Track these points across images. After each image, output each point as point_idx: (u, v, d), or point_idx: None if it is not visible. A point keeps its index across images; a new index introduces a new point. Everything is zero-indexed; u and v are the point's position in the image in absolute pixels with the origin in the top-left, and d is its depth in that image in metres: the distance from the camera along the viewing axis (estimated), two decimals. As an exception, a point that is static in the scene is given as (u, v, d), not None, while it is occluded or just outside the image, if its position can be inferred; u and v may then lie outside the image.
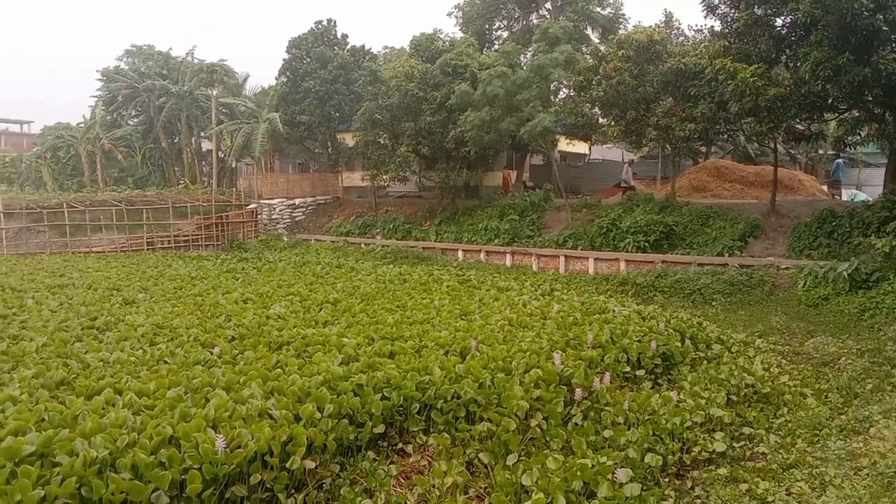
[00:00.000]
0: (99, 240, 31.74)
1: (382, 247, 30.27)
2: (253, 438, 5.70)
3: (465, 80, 28.79)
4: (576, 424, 7.67)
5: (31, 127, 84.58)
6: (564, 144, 36.36)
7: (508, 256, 27.06)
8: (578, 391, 8.13)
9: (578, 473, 6.09)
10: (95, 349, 9.45)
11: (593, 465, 6.31)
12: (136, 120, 46.10)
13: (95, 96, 46.39)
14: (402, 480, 6.31)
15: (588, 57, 28.88)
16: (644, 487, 6.25)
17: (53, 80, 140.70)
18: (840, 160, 30.97)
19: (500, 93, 26.25)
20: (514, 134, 27.70)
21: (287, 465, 5.68)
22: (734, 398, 9.12)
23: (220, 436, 5.55)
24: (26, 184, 47.30)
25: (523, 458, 6.69)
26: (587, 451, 6.81)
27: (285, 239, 35.29)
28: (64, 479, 4.89)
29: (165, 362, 8.73)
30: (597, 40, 38.57)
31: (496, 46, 36.31)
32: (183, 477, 5.20)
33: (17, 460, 5.14)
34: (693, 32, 29.79)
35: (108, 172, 43.61)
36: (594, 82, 26.70)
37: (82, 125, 45.06)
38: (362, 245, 32.06)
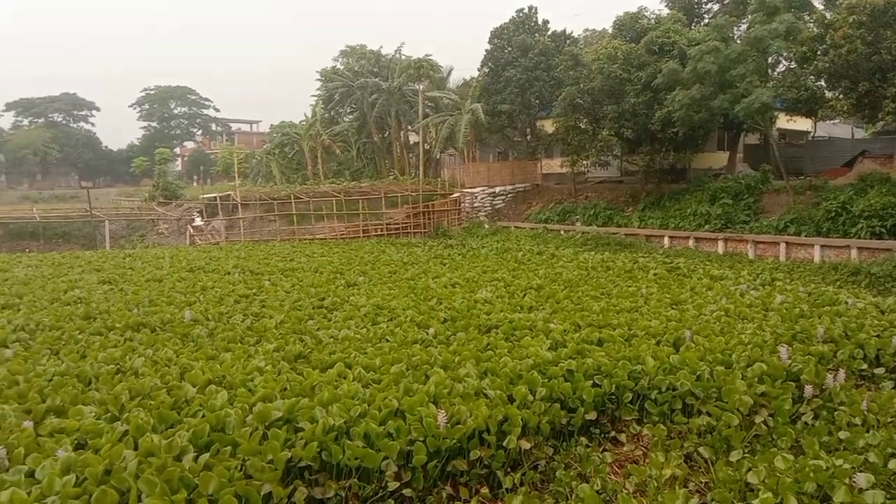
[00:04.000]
0: (321, 228, 34.65)
1: (582, 233, 29.94)
2: (471, 416, 5.92)
3: (672, 58, 27.56)
4: (806, 424, 7.08)
5: (259, 126, 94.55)
6: (784, 121, 33.48)
7: (720, 243, 25.56)
8: (808, 388, 7.50)
9: (811, 475, 5.62)
10: (325, 327, 10.34)
11: (827, 468, 5.79)
12: (350, 116, 49.56)
13: (315, 95, 50.59)
14: (617, 469, 6.23)
15: (812, 26, 26.36)
16: (888, 496, 5.62)
17: (278, 81, 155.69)
18: None
19: (712, 69, 24.76)
20: (727, 112, 26.06)
21: (503, 443, 5.83)
22: None
23: (442, 411, 5.83)
24: (258, 177, 52.85)
25: (747, 455, 6.30)
26: (820, 452, 6.27)
27: (486, 226, 36.12)
28: (307, 444, 5.39)
29: (387, 340, 9.33)
30: (821, 7, 34.92)
31: (706, 21, 34.23)
32: (409, 448, 5.53)
33: (267, 423, 5.77)
34: (942, -11, 25.98)
35: (328, 166, 47.40)
36: (819, 52, 24.43)
37: (304, 123, 49.33)
38: (562, 232, 31.93)
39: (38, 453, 5.21)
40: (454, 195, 38.57)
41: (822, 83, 26.52)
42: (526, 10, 39.00)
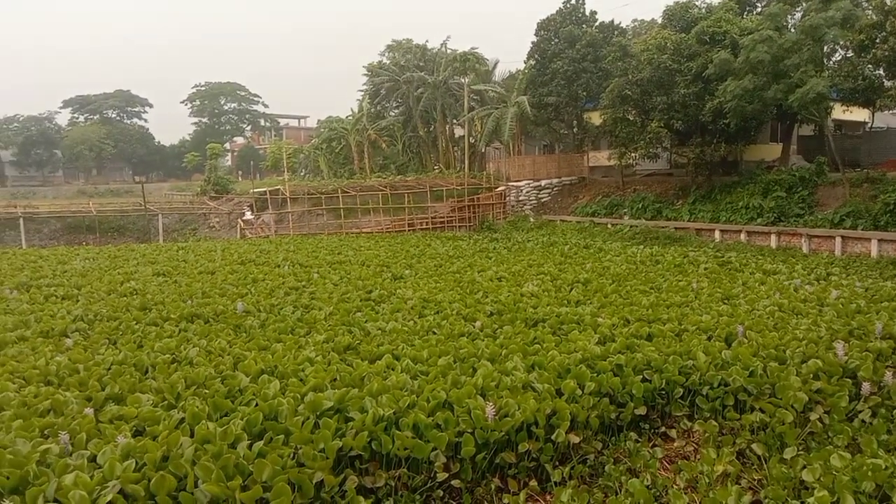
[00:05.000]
0: (367, 221, 34.94)
1: (630, 227, 29.58)
2: (519, 409, 5.92)
3: (724, 48, 27.00)
4: (863, 422, 6.89)
5: (306, 121, 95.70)
6: (840, 112, 32.44)
7: (773, 237, 24.97)
8: (866, 385, 7.28)
9: (869, 474, 5.47)
10: (373, 319, 10.44)
11: (887, 467, 5.62)
12: (396, 111, 49.81)
13: (362, 90, 50.99)
14: (667, 464, 6.16)
15: (870, 12, 25.43)
16: (953, 498, 5.43)
17: (322, 77, 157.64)
18: None
19: (766, 58, 24.14)
20: (781, 103, 25.39)
21: (552, 437, 5.81)
22: None
23: (490, 403, 5.84)
24: (306, 172, 53.59)
25: (802, 452, 6.16)
26: (878, 450, 6.09)
27: (531, 220, 35.94)
28: (357, 433, 5.46)
29: (434, 333, 9.38)
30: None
31: (759, 9, 33.38)
32: (457, 440, 5.55)
33: (318, 413, 5.86)
34: None
35: (374, 160, 47.75)
36: (878, 40, 23.59)
37: (350, 118, 49.75)
38: (609, 225, 31.59)
39: (99, 439, 5.40)
40: (499, 189, 38.45)
41: (881, 72, 25.63)
42: (573, 2, 38.58)
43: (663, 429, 6.82)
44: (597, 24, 38.53)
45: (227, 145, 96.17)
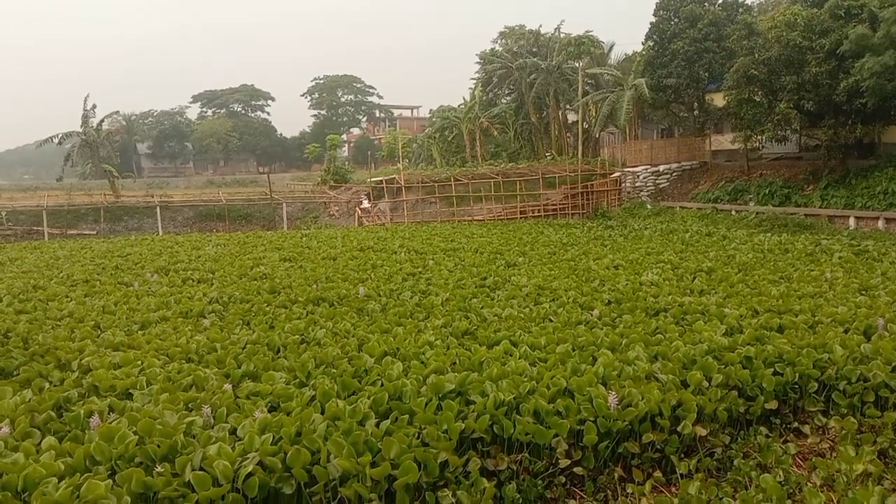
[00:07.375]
0: (479, 209, 35.11)
1: (756, 214, 28.18)
2: (643, 399, 5.81)
3: (860, 23, 25.06)
4: None
5: (419, 111, 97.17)
6: None
7: (917, 225, 23.08)
8: None
9: None
10: (489, 305, 10.53)
11: None
12: (508, 98, 49.62)
13: (474, 78, 51.08)
14: (800, 461, 5.88)
15: None
16: None
17: (434, 66, 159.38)
18: None
19: (910, 32, 22.25)
20: (927, 79, 23.32)
21: (678, 429, 5.68)
22: None
23: (613, 392, 5.78)
24: (419, 161, 54.44)
25: (953, 455, 5.72)
26: None
27: (648, 206, 34.95)
28: (479, 416, 5.55)
29: (550, 320, 9.35)
30: None
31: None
32: (579, 427, 5.53)
33: (440, 395, 6.01)
34: None
35: (486, 148, 47.83)
36: None
37: (462, 106, 50.01)
38: (733, 212, 30.25)
39: (238, 413, 5.75)
40: (614, 175, 37.59)
41: None
42: (694, -21, 36.99)
43: (796, 424, 6.51)
44: (720, 2, 36.83)
45: (344, 136, 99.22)
